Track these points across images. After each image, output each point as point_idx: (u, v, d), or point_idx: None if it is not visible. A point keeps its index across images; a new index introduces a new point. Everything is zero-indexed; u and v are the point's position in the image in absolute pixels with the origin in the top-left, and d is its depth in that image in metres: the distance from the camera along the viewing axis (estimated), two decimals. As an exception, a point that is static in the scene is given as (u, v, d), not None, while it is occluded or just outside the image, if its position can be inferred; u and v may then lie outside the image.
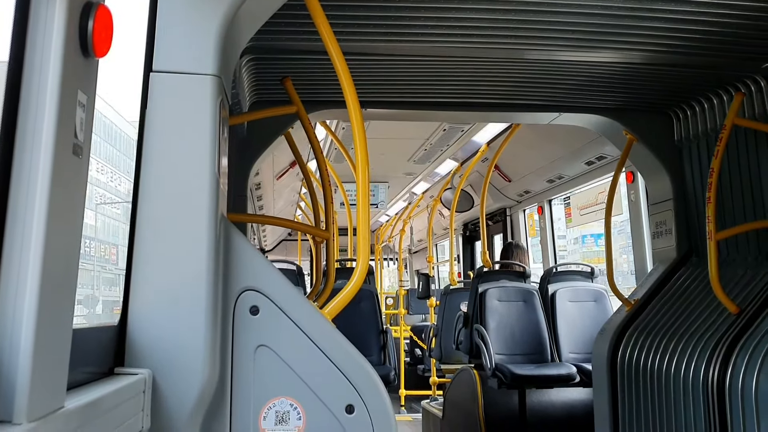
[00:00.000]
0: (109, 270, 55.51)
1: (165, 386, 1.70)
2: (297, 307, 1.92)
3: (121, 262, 56.08)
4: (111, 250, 57.17)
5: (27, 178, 1.09)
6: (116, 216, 59.64)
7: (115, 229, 58.98)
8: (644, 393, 3.46)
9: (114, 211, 59.34)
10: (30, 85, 1.12)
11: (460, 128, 6.15)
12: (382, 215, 12.97)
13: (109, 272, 55.08)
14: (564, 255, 17.59)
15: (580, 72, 3.37)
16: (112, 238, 57.91)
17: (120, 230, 59.30)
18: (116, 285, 54.90)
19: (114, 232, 58.61)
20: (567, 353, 5.40)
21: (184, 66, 1.80)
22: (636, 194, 4.88)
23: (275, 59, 3.15)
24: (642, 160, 4.13)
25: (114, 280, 55.72)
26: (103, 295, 47.50)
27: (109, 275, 55.03)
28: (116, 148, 60.24)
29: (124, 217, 58.72)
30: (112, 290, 53.77)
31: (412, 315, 11.78)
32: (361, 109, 2.09)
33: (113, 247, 57.46)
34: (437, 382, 8.15)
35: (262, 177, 7.21)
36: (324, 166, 3.06)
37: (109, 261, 56.06)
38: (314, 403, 1.89)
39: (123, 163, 60.48)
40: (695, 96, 3.69)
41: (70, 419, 1.18)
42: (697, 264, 3.76)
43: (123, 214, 59.59)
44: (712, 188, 3.07)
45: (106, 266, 55.21)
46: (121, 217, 59.60)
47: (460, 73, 3.43)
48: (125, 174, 60.27)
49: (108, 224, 58.67)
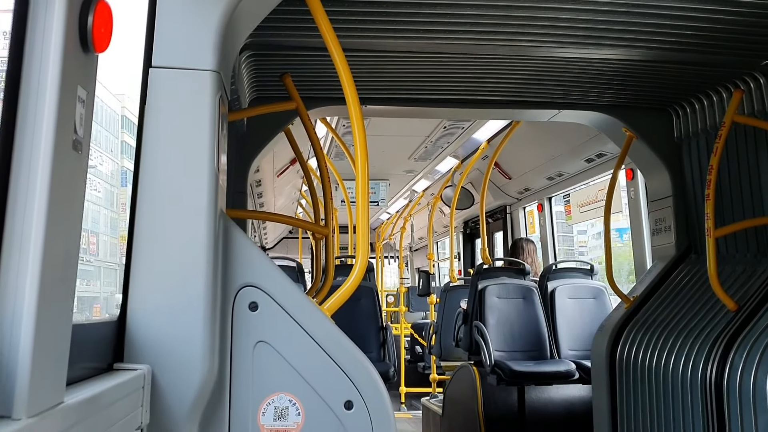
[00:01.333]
0: (88, 262, 46.94)
1: (164, 382, 1.70)
2: (296, 304, 1.93)
3: (101, 252, 50.54)
4: (90, 239, 48.45)
5: (27, 173, 1.10)
6: (96, 200, 50.39)
7: (94, 215, 50.03)
8: (643, 390, 3.47)
9: (95, 194, 49.83)
10: (30, 80, 1.12)
11: (460, 125, 6.16)
12: (383, 213, 12.98)
13: (88, 264, 46.74)
14: (584, 251, 17.34)
15: (580, 69, 3.37)
16: (92, 225, 48.87)
17: (101, 216, 51.55)
18: (97, 279, 48.96)
19: (93, 218, 49.55)
20: (566, 350, 5.41)
21: (183, 62, 1.80)
22: (636, 191, 4.88)
23: (275, 56, 3.15)
24: (641, 158, 4.13)
25: (94, 274, 48.23)
26: (80, 290, 39.89)
27: (88, 267, 46.81)
28: (97, 122, 48.40)
29: (106, 202, 52.83)
30: (91, 285, 47.05)
31: (413, 312, 11.80)
32: (360, 106, 2.09)
33: (92, 236, 49.05)
34: (437, 379, 8.16)
35: (263, 174, 7.22)
36: (323, 162, 3.07)
37: (87, 251, 47.24)
38: (313, 399, 1.90)
39: (105, 140, 51.75)
40: (695, 93, 3.69)
41: (70, 414, 1.18)
42: (696, 261, 3.76)
43: (105, 198, 52.86)
44: (711, 185, 3.07)
45: (83, 257, 44.24)
46: (102, 201, 52.11)
47: (460, 70, 3.43)
48: (108, 153, 52.02)
49: (86, 209, 52.64)
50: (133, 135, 40.20)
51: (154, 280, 1.74)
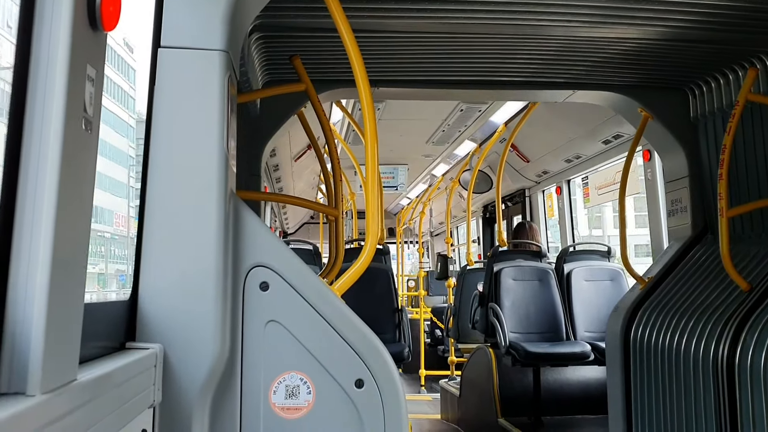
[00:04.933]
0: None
1: (176, 361, 1.72)
2: (307, 283, 1.94)
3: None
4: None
5: (37, 152, 1.10)
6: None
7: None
8: (656, 371, 3.46)
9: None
10: (39, 59, 1.12)
11: (477, 108, 6.13)
12: (402, 198, 12.96)
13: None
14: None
15: (595, 49, 3.34)
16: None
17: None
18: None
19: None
20: (582, 332, 5.40)
21: (191, 41, 1.80)
22: (652, 172, 4.84)
23: (285, 37, 3.14)
24: (657, 138, 4.09)
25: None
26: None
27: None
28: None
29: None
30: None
31: (433, 296, 11.81)
32: (371, 88, 2.09)
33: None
34: (455, 361, 8.19)
35: (280, 159, 7.22)
36: (333, 144, 3.06)
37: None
38: (324, 378, 1.91)
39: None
40: (711, 72, 3.65)
41: (83, 392, 1.20)
42: (711, 242, 3.73)
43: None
44: (725, 165, 3.04)
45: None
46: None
47: (474, 50, 3.40)
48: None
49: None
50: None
51: (165, 260, 1.76)
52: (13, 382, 1.06)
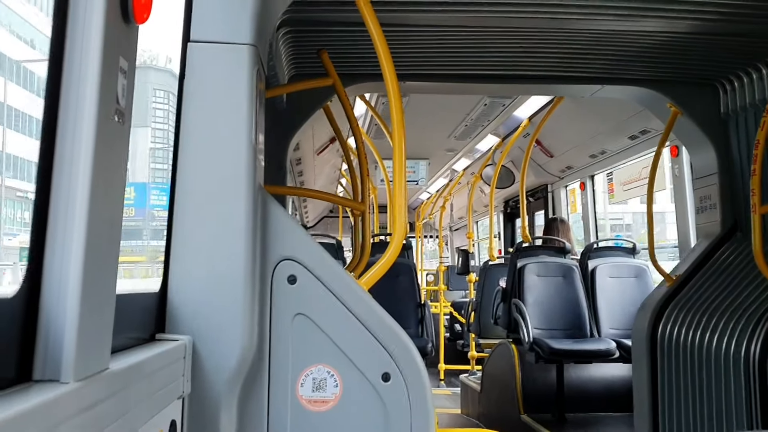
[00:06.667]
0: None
1: (205, 353, 1.73)
2: (334, 277, 1.94)
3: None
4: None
5: (71, 144, 1.11)
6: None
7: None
8: (684, 369, 3.42)
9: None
10: (72, 52, 1.13)
11: (501, 103, 6.08)
12: (422, 192, 12.95)
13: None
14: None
15: (624, 42, 3.30)
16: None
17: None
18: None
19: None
20: (607, 329, 5.35)
21: (220, 36, 1.81)
22: (680, 169, 4.78)
23: (312, 31, 3.14)
24: (687, 134, 4.03)
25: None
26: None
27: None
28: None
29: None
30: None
31: (452, 291, 11.80)
32: (398, 82, 2.08)
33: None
34: (476, 356, 8.18)
35: (303, 152, 7.25)
36: (360, 138, 3.06)
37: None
38: (351, 371, 1.91)
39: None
40: (742, 66, 3.58)
41: (115, 380, 1.21)
42: (741, 239, 3.68)
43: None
44: (758, 160, 2.99)
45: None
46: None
47: (501, 44, 3.38)
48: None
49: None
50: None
51: (194, 253, 1.77)
52: (48, 369, 1.08)
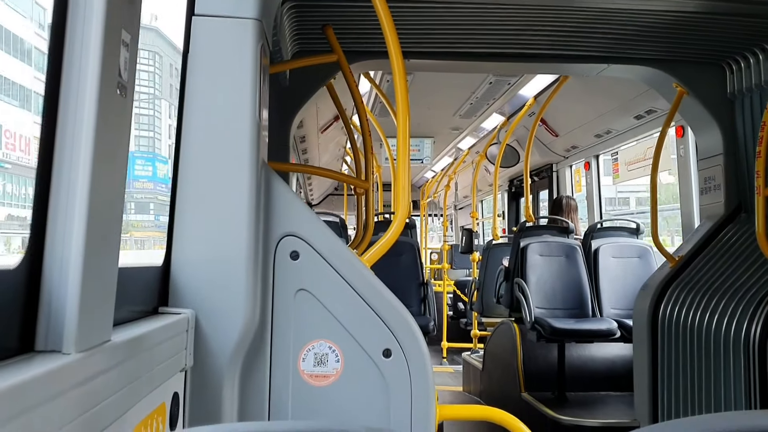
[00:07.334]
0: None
1: (207, 327, 1.75)
2: (336, 253, 1.95)
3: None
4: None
5: (73, 116, 1.11)
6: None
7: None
8: (684, 349, 3.43)
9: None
10: (75, 24, 1.12)
11: (506, 81, 6.04)
12: (427, 171, 12.92)
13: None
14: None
15: (630, 21, 3.27)
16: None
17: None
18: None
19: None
20: (609, 309, 5.37)
21: (225, 9, 1.81)
22: (685, 149, 4.76)
23: (317, 7, 3.12)
24: (692, 114, 4.01)
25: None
26: None
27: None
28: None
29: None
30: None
31: (456, 270, 11.82)
32: (403, 60, 2.07)
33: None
34: (478, 335, 8.22)
35: (307, 130, 7.22)
36: (364, 115, 3.05)
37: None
38: (352, 347, 1.93)
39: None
40: (749, 47, 3.55)
41: (116, 352, 1.22)
42: (745, 220, 3.67)
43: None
44: (763, 142, 2.97)
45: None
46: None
47: (507, 22, 3.35)
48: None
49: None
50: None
51: (197, 228, 1.78)
52: (50, 340, 1.09)
